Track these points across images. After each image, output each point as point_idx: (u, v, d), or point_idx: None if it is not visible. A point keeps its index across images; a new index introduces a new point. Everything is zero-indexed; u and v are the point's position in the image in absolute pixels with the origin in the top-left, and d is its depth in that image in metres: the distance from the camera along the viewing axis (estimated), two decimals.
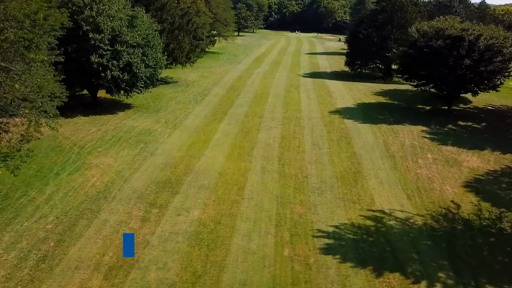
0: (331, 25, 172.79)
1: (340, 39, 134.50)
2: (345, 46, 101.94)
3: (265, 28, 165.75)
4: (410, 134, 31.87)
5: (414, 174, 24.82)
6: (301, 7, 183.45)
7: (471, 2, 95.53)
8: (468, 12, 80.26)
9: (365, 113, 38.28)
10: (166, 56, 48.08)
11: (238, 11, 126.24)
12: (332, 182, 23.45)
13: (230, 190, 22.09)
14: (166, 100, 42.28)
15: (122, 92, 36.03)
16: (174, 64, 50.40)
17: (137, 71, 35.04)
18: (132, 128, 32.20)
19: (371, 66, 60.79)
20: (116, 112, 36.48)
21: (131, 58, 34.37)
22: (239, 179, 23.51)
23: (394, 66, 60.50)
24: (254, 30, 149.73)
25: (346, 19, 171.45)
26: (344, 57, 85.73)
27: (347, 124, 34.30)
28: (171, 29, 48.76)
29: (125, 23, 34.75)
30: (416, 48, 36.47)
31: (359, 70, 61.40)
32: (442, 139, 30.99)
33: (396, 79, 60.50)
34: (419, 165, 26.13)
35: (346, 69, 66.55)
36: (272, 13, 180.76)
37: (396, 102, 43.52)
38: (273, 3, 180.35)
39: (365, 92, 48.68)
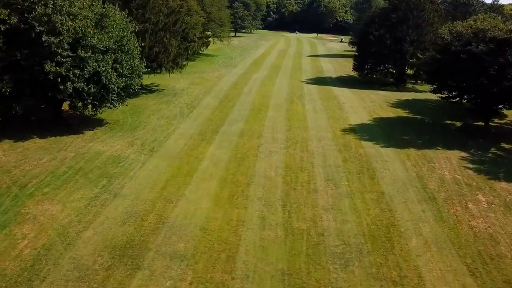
0: (331, 25, 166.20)
1: (342, 39, 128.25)
2: (349, 48, 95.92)
3: (263, 28, 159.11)
4: (448, 163, 25.26)
5: (469, 229, 18.21)
6: (301, 6, 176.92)
7: (484, 1, 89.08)
8: (482, 11, 73.85)
9: (386, 132, 31.68)
10: (149, 62, 41.67)
11: (235, 10, 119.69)
12: (358, 244, 16.83)
13: (215, 262, 15.43)
14: (147, 114, 35.64)
15: (89, 107, 29.48)
16: (159, 70, 43.70)
17: (107, 82, 28.43)
18: (97, 154, 25.56)
19: (384, 71, 54.25)
20: (83, 131, 29.86)
21: (99, 66, 27.76)
22: (229, 240, 16.87)
23: (410, 71, 54.17)
24: (252, 30, 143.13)
25: (347, 19, 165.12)
26: (349, 59, 79.45)
27: (367, 148, 27.66)
28: (155, 30, 42.11)
29: (91, 23, 28.14)
30: (449, 53, 29.88)
31: (369, 75, 54.80)
32: (491, 171, 24.37)
33: (410, 86, 54.15)
34: (472, 213, 19.53)
35: (353, 73, 60.15)
36: (271, 12, 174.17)
37: (419, 117, 36.93)
38: (272, 2, 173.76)
39: (379, 103, 42.12)
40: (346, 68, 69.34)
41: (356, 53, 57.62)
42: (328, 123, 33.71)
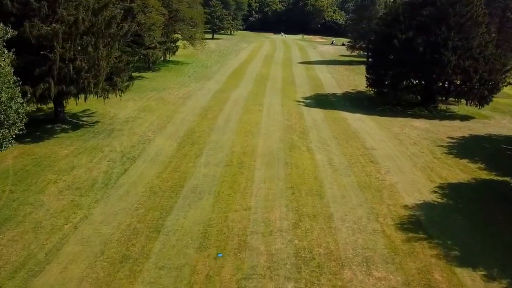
0: (319, 25, 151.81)
1: (333, 42, 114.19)
2: (346, 52, 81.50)
3: (244, 29, 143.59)
4: None
5: None
6: (286, 5, 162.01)
7: None
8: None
9: (481, 229, 16.74)
10: (64, 85, 26.14)
11: (212, 9, 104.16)
12: None
13: None
14: (45, 181, 20.26)
15: None
16: (81, 96, 28.07)
17: None
18: None
19: (412, 89, 39.77)
20: None
21: None
22: None
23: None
24: (232, 32, 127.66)
25: (336, 19, 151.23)
26: (350, 67, 65.34)
27: None
28: (75, 34, 26.51)
29: None
30: None
31: (391, 93, 40.10)
32: None
33: (444, 106, 39.94)
34: None
35: (362, 88, 45.98)
36: (253, 12, 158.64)
37: (507, 179, 22.20)
38: (254, 1, 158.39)
39: (427, 146, 27.29)
40: (350, 79, 54.96)
41: (371, 63, 42.84)
42: (366, 202, 18.67)
